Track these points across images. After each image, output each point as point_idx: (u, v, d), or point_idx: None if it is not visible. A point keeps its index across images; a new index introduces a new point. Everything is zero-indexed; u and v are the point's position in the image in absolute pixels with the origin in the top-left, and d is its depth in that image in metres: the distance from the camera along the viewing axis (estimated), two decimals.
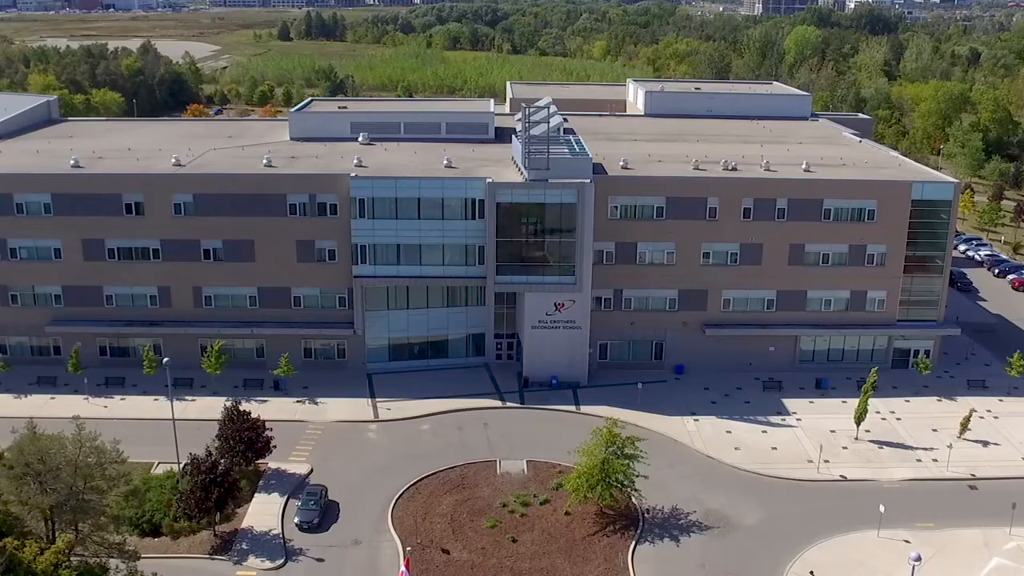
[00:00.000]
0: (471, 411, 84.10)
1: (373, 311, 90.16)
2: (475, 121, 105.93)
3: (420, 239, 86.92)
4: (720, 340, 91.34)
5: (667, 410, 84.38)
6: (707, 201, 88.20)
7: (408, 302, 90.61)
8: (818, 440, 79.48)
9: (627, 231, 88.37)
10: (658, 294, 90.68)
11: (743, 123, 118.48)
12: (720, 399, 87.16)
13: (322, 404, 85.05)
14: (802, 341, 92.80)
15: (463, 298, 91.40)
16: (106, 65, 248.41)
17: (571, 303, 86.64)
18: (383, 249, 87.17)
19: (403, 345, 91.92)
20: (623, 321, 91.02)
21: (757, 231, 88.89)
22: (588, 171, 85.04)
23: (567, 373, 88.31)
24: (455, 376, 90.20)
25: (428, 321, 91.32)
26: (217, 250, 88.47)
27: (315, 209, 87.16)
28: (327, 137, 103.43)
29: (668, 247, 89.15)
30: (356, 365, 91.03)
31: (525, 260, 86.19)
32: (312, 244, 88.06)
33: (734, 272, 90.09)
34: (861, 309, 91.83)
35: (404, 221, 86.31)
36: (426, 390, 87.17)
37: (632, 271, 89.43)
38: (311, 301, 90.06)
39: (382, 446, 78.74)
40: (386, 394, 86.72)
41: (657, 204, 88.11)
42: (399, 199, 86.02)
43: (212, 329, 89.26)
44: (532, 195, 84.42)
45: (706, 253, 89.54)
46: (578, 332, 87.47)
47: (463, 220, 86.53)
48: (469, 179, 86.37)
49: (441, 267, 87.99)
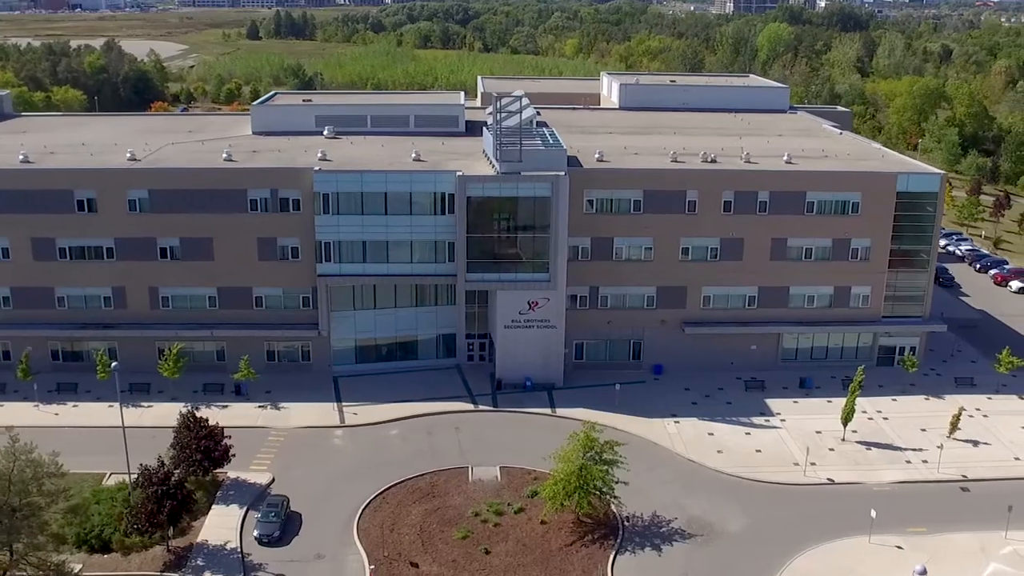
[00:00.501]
0: (442, 415, 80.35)
1: (338, 311, 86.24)
2: (445, 114, 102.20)
3: (387, 235, 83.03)
4: (700, 339, 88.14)
5: (646, 412, 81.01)
6: (686, 194, 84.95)
7: (375, 302, 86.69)
8: (804, 441, 76.39)
9: (603, 226, 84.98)
10: (636, 291, 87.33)
11: (720, 116, 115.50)
12: (701, 400, 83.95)
13: (285, 409, 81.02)
14: (785, 339, 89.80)
15: (433, 297, 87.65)
16: (68, 62, 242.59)
17: (545, 301, 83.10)
18: (348, 246, 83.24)
19: (370, 347, 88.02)
20: (599, 320, 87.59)
21: (738, 225, 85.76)
22: (562, 163, 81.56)
23: (542, 374, 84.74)
24: (425, 378, 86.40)
25: (396, 321, 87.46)
26: (174, 248, 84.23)
27: (277, 205, 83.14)
28: (291, 131, 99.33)
29: (646, 242, 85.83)
30: (321, 368, 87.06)
31: (497, 257, 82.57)
32: (274, 242, 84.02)
33: (714, 268, 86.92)
34: (845, 305, 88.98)
35: (370, 217, 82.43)
36: (394, 393, 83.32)
37: (608, 267, 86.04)
38: (273, 301, 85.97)
39: (348, 453, 74.85)
40: (353, 398, 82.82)
41: (634, 197, 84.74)
42: (365, 194, 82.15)
43: (169, 331, 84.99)
44: (504, 188, 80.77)
45: (685, 248, 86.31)
46: (553, 332, 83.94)
47: (432, 215, 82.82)
48: (438, 172, 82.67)
49: (409, 265, 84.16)
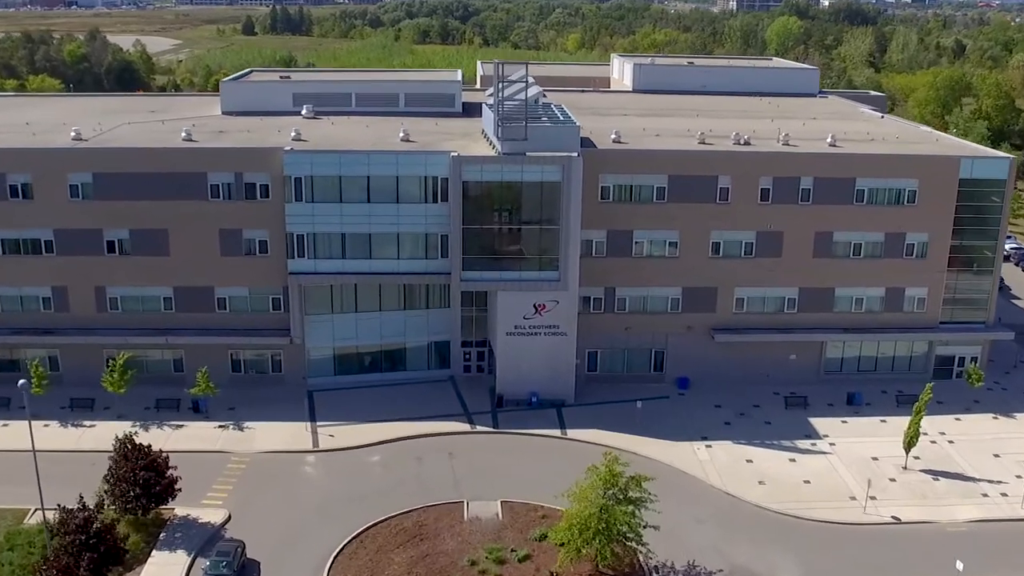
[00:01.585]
0: (433, 437, 68.60)
1: (314, 315, 74.51)
2: (439, 92, 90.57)
3: (370, 227, 71.33)
4: (732, 347, 76.49)
5: (672, 434, 69.35)
6: (717, 180, 73.29)
7: (356, 304, 74.92)
8: (859, 470, 64.84)
9: (621, 217, 73.27)
10: (658, 293, 75.61)
11: (745, 99, 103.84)
12: (735, 419, 72.27)
13: (250, 430, 69.27)
14: (828, 348, 78.21)
15: (423, 299, 75.89)
16: (47, 51, 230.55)
17: (554, 304, 71.40)
18: (325, 239, 71.56)
19: (351, 356, 76.26)
20: (616, 326, 75.85)
21: (776, 216, 74.14)
22: (575, 143, 69.87)
23: (550, 389, 72.99)
24: (414, 393, 74.61)
25: (381, 327, 75.71)
26: (123, 242, 72.58)
27: (242, 191, 71.48)
28: (265, 111, 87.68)
29: (670, 236, 74.14)
30: (294, 380, 75.32)
31: (498, 252, 70.84)
32: (239, 234, 72.33)
33: (749, 266, 75.22)
34: (898, 309, 77.36)
35: (350, 205, 70.77)
36: (378, 411, 71.57)
37: (627, 265, 74.33)
38: (239, 303, 74.20)
39: (321, 484, 63.12)
40: (329, 416, 71.09)
41: (657, 184, 73.06)
42: (344, 178, 70.47)
43: (118, 338, 73.34)
44: (507, 172, 69.04)
45: (716, 243, 74.65)
46: (563, 339, 72.20)
47: (422, 203, 71.14)
48: (430, 153, 71.00)
49: (396, 262, 72.42)
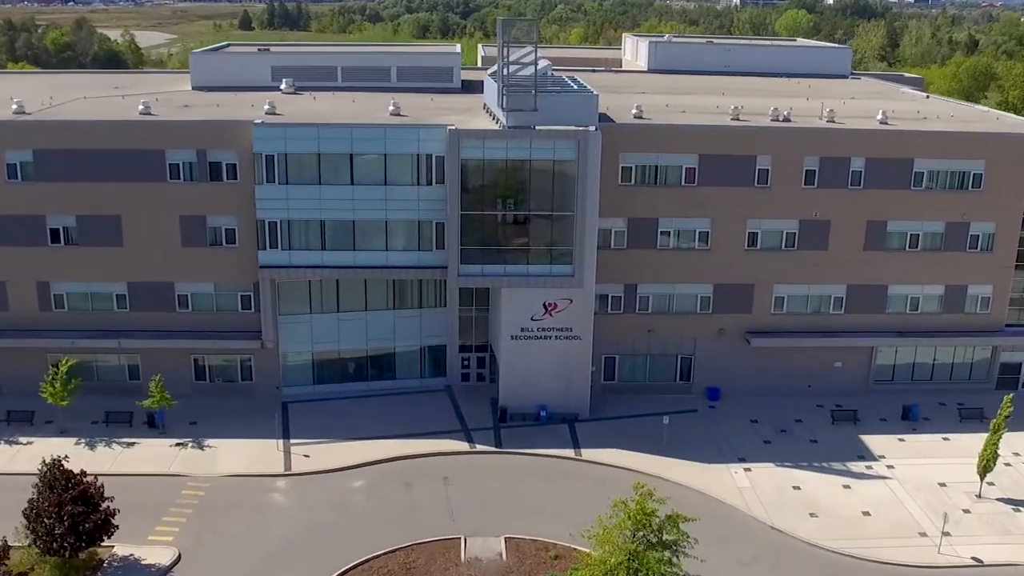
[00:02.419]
0: (425, 458, 58.79)
1: (289, 315, 64.81)
2: (436, 65, 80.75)
3: (353, 213, 61.60)
4: (770, 353, 66.70)
5: (705, 455, 59.57)
6: (755, 161, 63.54)
7: (338, 302, 65.22)
8: (926, 499, 55.08)
9: (644, 202, 63.55)
10: (686, 291, 65.88)
11: (771, 80, 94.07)
12: (775, 436, 62.51)
13: (212, 448, 59.50)
14: (879, 354, 68.40)
15: (416, 297, 66.27)
16: (28, 38, 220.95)
17: (567, 303, 61.64)
18: (301, 227, 61.85)
19: (332, 362, 66.55)
20: (637, 328, 66.09)
21: (823, 203, 64.43)
22: (592, 114, 60.08)
23: (561, 401, 63.23)
24: (404, 406, 64.97)
25: (367, 329, 66.00)
26: (70, 230, 62.93)
27: (206, 171, 61.80)
28: (241, 86, 77.91)
29: (700, 225, 64.40)
30: (267, 390, 65.58)
31: (502, 243, 61.13)
32: (202, 221, 62.67)
33: (790, 260, 65.48)
34: (959, 310, 67.65)
35: (331, 188, 61.08)
36: (362, 426, 61.83)
37: (651, 259, 64.58)
38: (203, 301, 64.49)
39: (292, 515, 53.28)
40: (305, 432, 61.31)
41: (686, 164, 63.29)
42: (323, 156, 60.74)
43: (64, 341, 63.57)
44: (513, 148, 59.22)
45: (753, 234, 64.88)
46: (577, 344, 62.46)
47: (414, 186, 61.44)
48: (423, 127, 61.21)
49: (384, 253, 62.59)
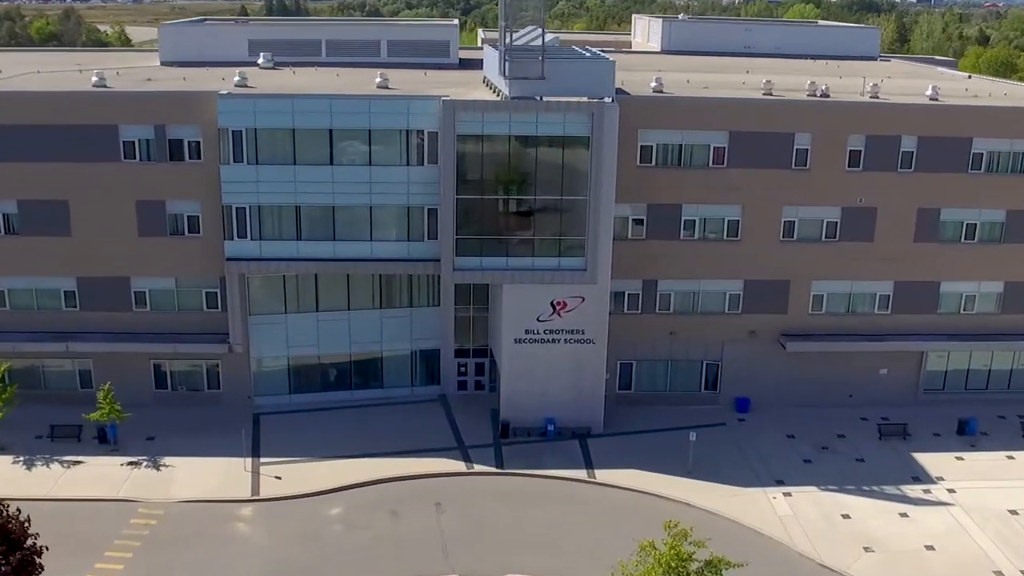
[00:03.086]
0: (415, 480, 50.98)
1: (262, 315, 57.08)
2: (430, 38, 72.96)
3: (333, 198, 53.81)
4: (807, 359, 58.93)
5: (737, 476, 51.73)
6: (793, 139, 55.75)
7: (317, 301, 57.52)
8: (996, 529, 47.26)
9: (667, 186, 55.76)
10: (713, 288, 58.12)
11: (797, 62, 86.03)
12: (816, 454, 54.68)
13: (169, 468, 51.68)
14: (930, 359, 60.62)
15: (406, 295, 58.55)
16: (11, 27, 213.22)
17: (578, 302, 53.84)
18: (273, 214, 54.08)
19: (310, 369, 58.79)
20: (658, 330, 58.32)
21: (869, 187, 56.66)
22: (608, 84, 52.26)
23: (571, 414, 55.41)
24: (392, 419, 57.25)
25: (350, 331, 58.22)
26: (10, 217, 55.22)
27: (165, 150, 54.07)
28: (214, 61, 70.05)
29: (730, 212, 56.62)
30: (236, 401, 57.83)
31: (504, 232, 53.43)
32: (161, 207, 54.93)
33: (832, 252, 57.70)
34: (1019, 310, 59.89)
35: (308, 169, 53.30)
36: (343, 443, 54.04)
37: (673, 251, 56.82)
38: (163, 299, 56.73)
39: (257, 549, 45.46)
40: (278, 450, 53.49)
41: (715, 143, 55.49)
42: (299, 132, 52.94)
43: (4, 344, 55.82)
44: (516, 123, 51.40)
45: (789, 222, 57.11)
46: (589, 348, 54.63)
47: (403, 166, 53.67)
48: (414, 99, 53.35)
49: (368, 244, 54.77)
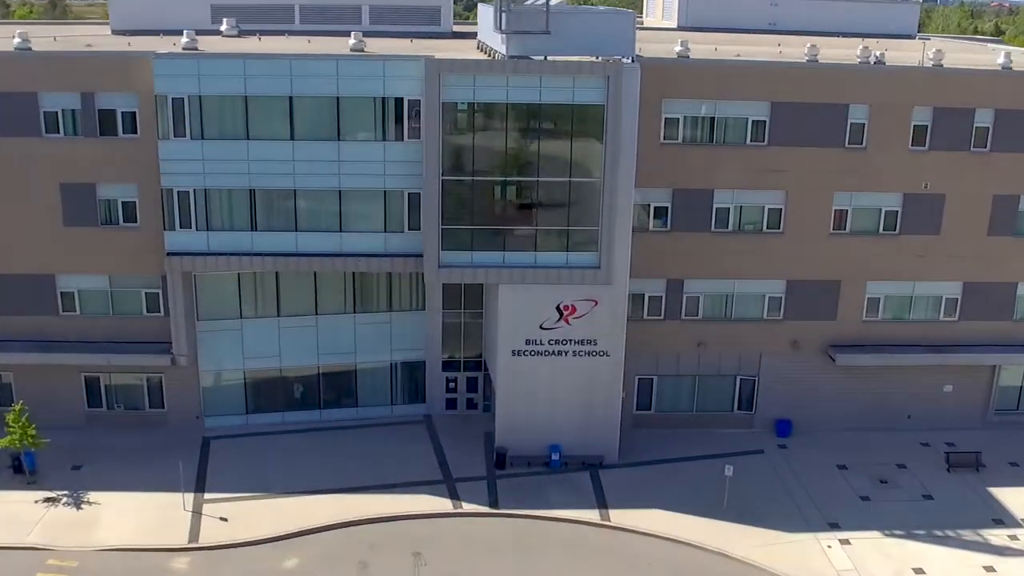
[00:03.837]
0: (390, 523, 41.92)
1: (212, 320, 48.03)
2: (418, 4, 63.68)
3: (295, 180, 44.72)
4: (858, 374, 49.85)
5: (781, 518, 42.63)
6: (847, 112, 46.67)
7: (279, 304, 48.44)
8: None
9: (695, 168, 46.68)
10: (750, 289, 49.01)
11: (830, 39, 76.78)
12: (875, 490, 45.55)
13: (94, 507, 42.63)
14: (1003, 374, 51.44)
15: (384, 296, 49.52)
16: None
17: (590, 306, 44.78)
18: (223, 199, 45.00)
19: (271, 384, 49.65)
20: (683, 339, 49.22)
21: (937, 170, 47.54)
22: (627, 41, 43.14)
23: (580, 440, 46.32)
24: (366, 445, 48.19)
25: (318, 339, 49.13)
26: None
27: (94, 123, 45.01)
28: (173, 29, 60.74)
29: (771, 199, 47.50)
30: (183, 422, 48.83)
31: (500, 221, 44.35)
32: (91, 192, 45.87)
33: (891, 248, 48.60)
34: None
35: (264, 145, 44.19)
36: (306, 474, 44.98)
37: (702, 245, 47.74)
38: (94, 301, 47.60)
39: None
40: (228, 483, 44.41)
41: (754, 116, 46.42)
42: (252, 100, 43.82)
43: None
44: (515, 88, 42.26)
45: (841, 211, 47.96)
46: (603, 362, 45.52)
47: (379, 142, 44.55)
48: (391, 59, 44.11)
49: (338, 236, 45.60)
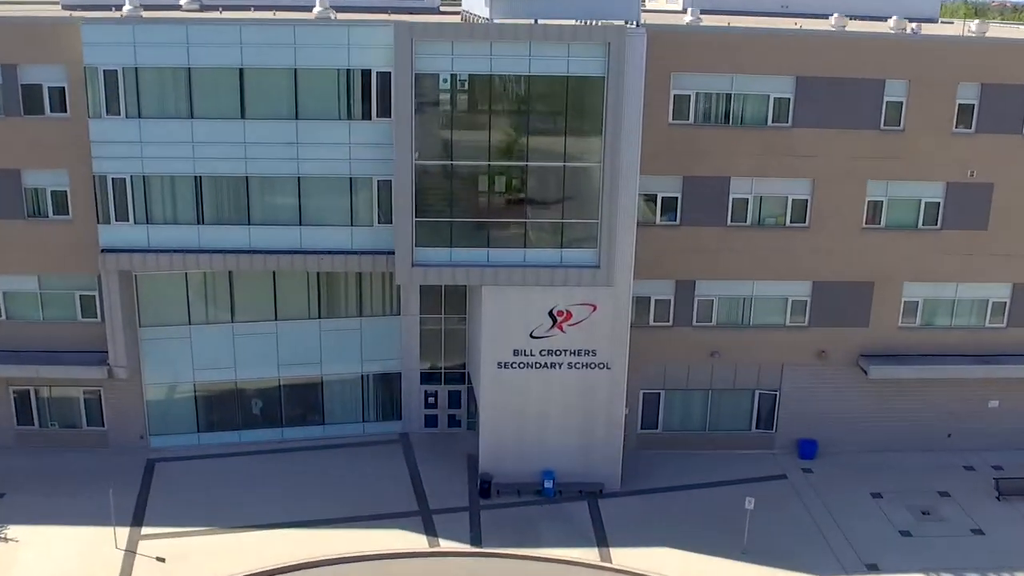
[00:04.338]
0: (355, 564, 35.94)
1: (157, 327, 42.15)
2: None
3: (247, 165, 38.82)
4: (893, 388, 43.93)
5: (811, 557, 36.66)
6: (883, 88, 40.74)
7: (232, 308, 42.55)
8: None
9: (709, 153, 40.78)
10: (770, 291, 43.06)
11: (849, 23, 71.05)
12: (915, 523, 39.59)
13: (12, 544, 36.64)
14: None
15: (353, 299, 43.62)
16: None
17: (588, 311, 38.86)
18: (165, 189, 39.11)
19: (225, 399, 43.72)
20: (695, 348, 43.28)
21: (985, 156, 41.63)
22: (632, 4, 37.30)
23: (577, 465, 40.42)
24: (333, 469, 42.26)
25: (278, 349, 43.24)
26: None
27: (16, 100, 39.10)
28: None
29: (796, 188, 41.61)
30: (127, 442, 42.97)
31: (483, 213, 38.38)
32: (15, 179, 39.98)
33: (932, 244, 42.68)
34: None
35: (211, 124, 38.30)
36: (262, 505, 39.01)
37: (717, 241, 41.85)
38: (21, 304, 41.75)
39: None
40: (170, 515, 38.43)
41: (776, 92, 40.55)
42: (197, 73, 37.91)
43: None
44: (501, 56, 36.32)
45: (875, 203, 42.04)
46: (603, 376, 39.61)
47: (344, 121, 38.61)
48: (356, 25, 38.18)
49: (297, 230, 39.69)
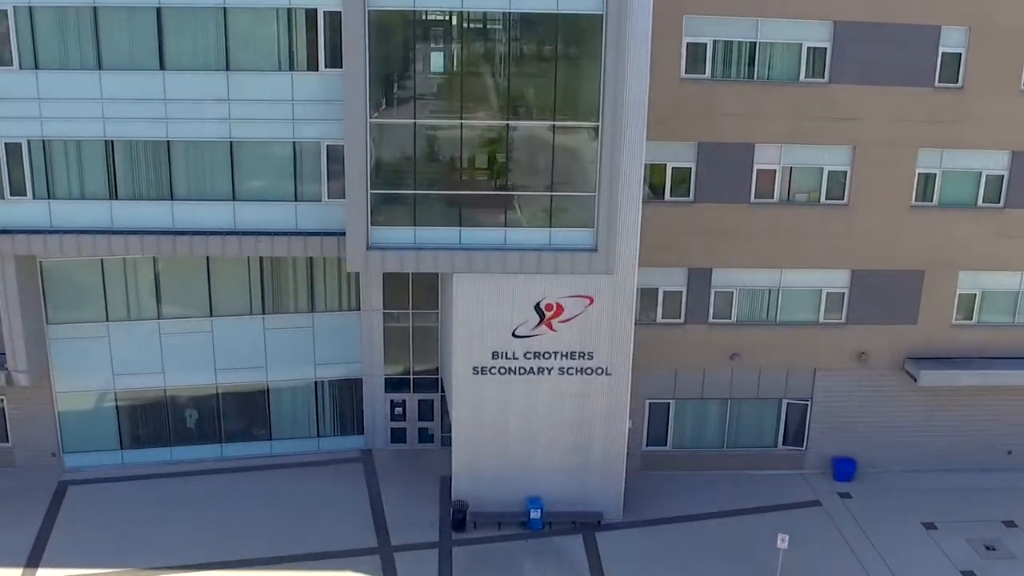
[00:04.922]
0: None
1: (68, 324, 35.50)
2: None
3: (167, 127, 32.09)
4: (945, 396, 37.29)
5: None
6: (938, 37, 34.00)
7: (159, 301, 35.89)
8: None
9: (729, 114, 34.04)
10: (801, 281, 36.35)
11: None
12: (979, 560, 32.94)
13: None
14: None
15: (304, 291, 36.96)
16: None
17: (584, 305, 32.15)
18: (69, 156, 32.33)
19: (153, 409, 37.03)
20: (712, 349, 36.58)
21: None
22: None
23: (570, 491, 33.76)
24: (280, 493, 35.63)
25: (215, 350, 36.57)
26: None
27: None
28: None
29: (833, 158, 34.85)
30: (36, 460, 36.39)
31: (454, 185, 31.69)
32: None
33: (992, 225, 35.99)
34: None
35: (124, 77, 31.53)
36: (190, 539, 32.41)
37: (738, 221, 35.13)
38: None
39: None
40: (74, 553, 31.80)
41: (810, 41, 33.76)
42: (104, 13, 31.06)
43: None
44: None
45: (927, 176, 35.35)
46: (601, 383, 32.90)
47: (285, 72, 31.80)
48: None
49: (230, 206, 32.95)
